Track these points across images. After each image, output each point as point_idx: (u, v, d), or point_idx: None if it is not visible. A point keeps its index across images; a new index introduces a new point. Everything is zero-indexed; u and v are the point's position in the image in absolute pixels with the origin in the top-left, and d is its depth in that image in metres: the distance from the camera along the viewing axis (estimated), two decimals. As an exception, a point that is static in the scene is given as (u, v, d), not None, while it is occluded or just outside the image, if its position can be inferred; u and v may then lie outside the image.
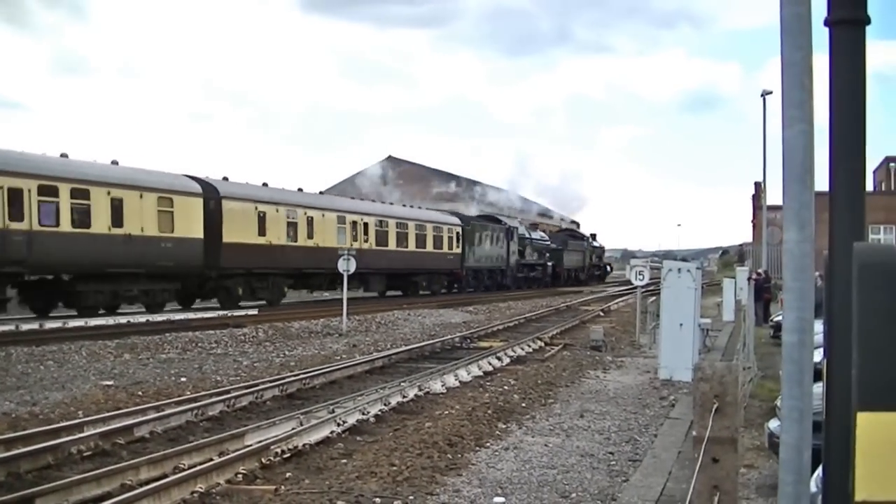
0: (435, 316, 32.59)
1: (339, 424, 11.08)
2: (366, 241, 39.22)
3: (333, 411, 11.78)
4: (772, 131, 35.99)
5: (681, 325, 16.02)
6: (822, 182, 3.28)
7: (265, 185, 34.52)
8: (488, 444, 10.46)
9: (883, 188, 58.55)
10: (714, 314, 30.46)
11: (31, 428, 10.46)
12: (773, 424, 8.37)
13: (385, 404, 12.69)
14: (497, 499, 8.17)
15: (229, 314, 28.46)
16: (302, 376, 15.17)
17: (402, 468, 8.98)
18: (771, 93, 35.32)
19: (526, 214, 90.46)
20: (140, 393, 13.72)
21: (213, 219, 29.89)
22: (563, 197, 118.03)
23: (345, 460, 9.61)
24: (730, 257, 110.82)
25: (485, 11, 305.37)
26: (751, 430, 11.00)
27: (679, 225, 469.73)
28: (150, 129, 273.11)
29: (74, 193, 24.92)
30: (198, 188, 29.95)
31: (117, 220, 26.19)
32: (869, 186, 58.12)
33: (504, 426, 11.60)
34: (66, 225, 24.57)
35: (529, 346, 21.62)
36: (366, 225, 39.57)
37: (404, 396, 13.46)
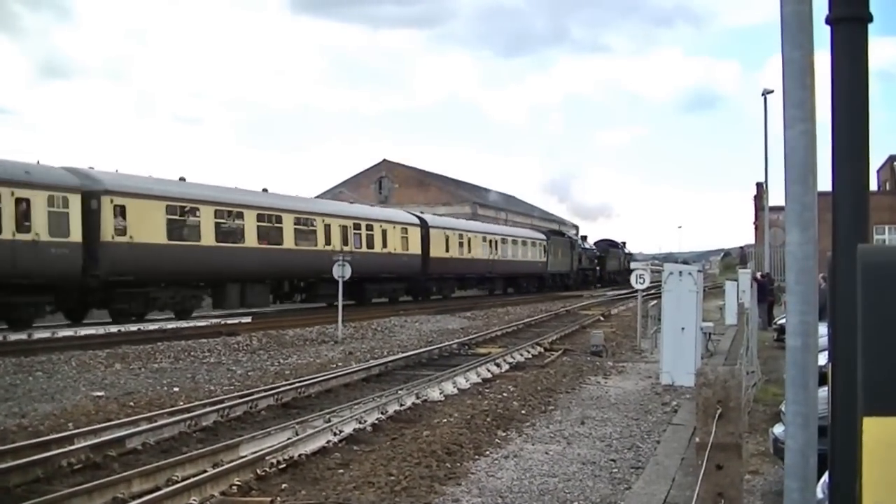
0: (432, 322, 32.55)
1: (335, 434, 11.06)
2: (496, 253, 55.60)
3: (329, 420, 11.76)
4: (773, 131, 36.14)
5: (682, 329, 16.03)
6: (824, 182, 3.29)
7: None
8: (488, 453, 10.45)
9: (887, 187, 58.60)
10: (716, 318, 30.49)
11: (19, 441, 10.42)
12: (778, 429, 8.37)
13: (382, 413, 12.68)
14: (497, 508, 8.16)
15: (222, 322, 28.65)
16: (297, 385, 15.13)
17: (400, 478, 8.97)
18: (772, 92, 35.29)
19: (527, 217, 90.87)
20: (132, 403, 13.68)
21: (425, 241, 46.06)
22: (561, 200, 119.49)
23: (342, 470, 9.59)
24: (732, 259, 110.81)
25: (478, 11, 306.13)
26: (755, 435, 10.99)
27: (680, 227, 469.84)
28: (137, 131, 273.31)
29: (367, 227, 40.79)
30: (417, 221, 46.44)
31: (385, 243, 42.05)
32: (873, 186, 58.00)
33: (504, 434, 11.59)
34: (364, 247, 39.88)
35: (528, 351, 21.61)
36: (496, 242, 55.84)
37: (402, 405, 13.45)
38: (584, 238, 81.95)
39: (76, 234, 25.24)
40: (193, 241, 29.63)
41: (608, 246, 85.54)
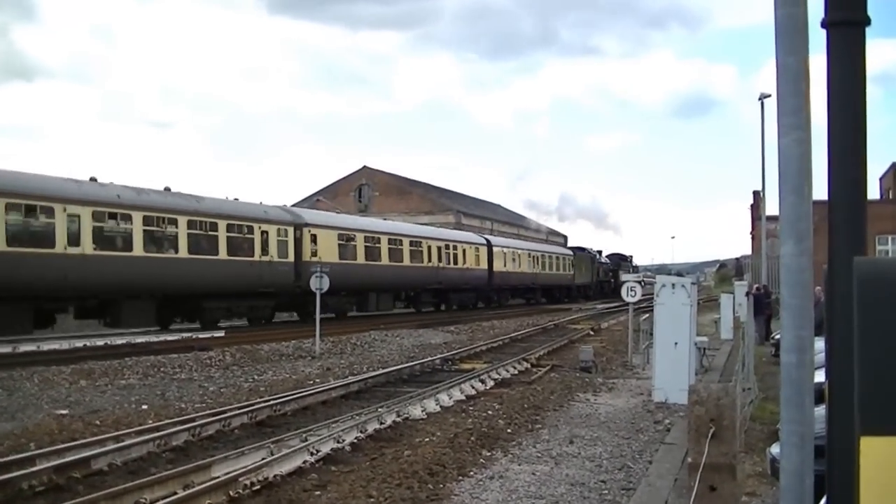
0: (414, 336, 32.52)
1: (312, 454, 11.03)
2: (538, 268, 67.07)
3: (306, 439, 11.73)
4: (770, 137, 36.18)
5: (676, 343, 16.05)
6: (821, 191, 3.30)
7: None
8: (472, 473, 10.44)
9: (890, 196, 58.88)
10: (711, 332, 30.57)
11: (-22, 461, 10.34)
12: (776, 449, 8.38)
13: (361, 431, 12.65)
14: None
15: (193, 336, 28.63)
16: (272, 402, 15.09)
17: (380, 500, 8.95)
18: (769, 96, 35.44)
19: (513, 227, 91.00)
20: (97, 422, 13.59)
21: (490, 257, 57.38)
22: (548, 208, 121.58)
23: (319, 492, 9.56)
24: (727, 271, 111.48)
25: (463, 12, 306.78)
26: (752, 455, 11.02)
27: (673, 237, 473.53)
28: (106, 135, 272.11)
29: (453, 248, 52.47)
30: (485, 241, 58.40)
31: (465, 260, 53.61)
32: (875, 194, 58.45)
33: (488, 454, 11.58)
34: (451, 264, 51.47)
35: (515, 367, 21.62)
36: (538, 258, 67.72)
37: (382, 423, 13.42)
38: (600, 252, 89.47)
39: (291, 256, 36.06)
40: (352, 259, 40.60)
41: (619, 260, 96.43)
